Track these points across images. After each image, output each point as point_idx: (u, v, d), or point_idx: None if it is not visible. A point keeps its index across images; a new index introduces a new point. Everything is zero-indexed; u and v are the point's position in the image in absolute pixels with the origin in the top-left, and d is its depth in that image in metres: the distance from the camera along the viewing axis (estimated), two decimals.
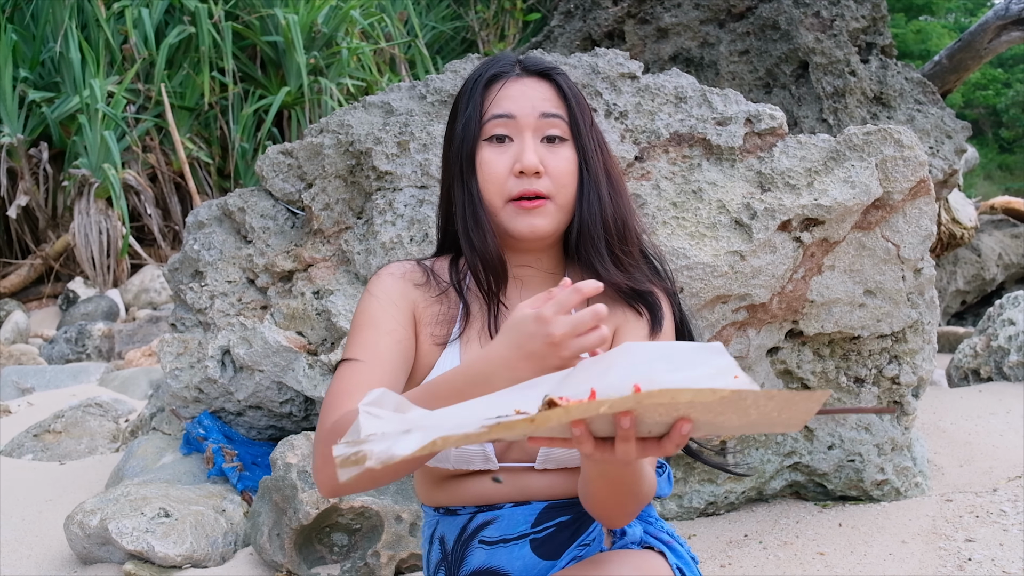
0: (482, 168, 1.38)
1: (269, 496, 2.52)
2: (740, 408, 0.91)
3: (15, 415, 4.63)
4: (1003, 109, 17.47)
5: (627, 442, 0.99)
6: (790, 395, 0.90)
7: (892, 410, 0.98)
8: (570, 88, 1.43)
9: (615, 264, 1.41)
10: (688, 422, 0.96)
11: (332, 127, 2.87)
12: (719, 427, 0.97)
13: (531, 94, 1.40)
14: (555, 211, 1.38)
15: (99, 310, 7.35)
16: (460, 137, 1.41)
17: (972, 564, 2.25)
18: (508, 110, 1.38)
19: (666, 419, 0.96)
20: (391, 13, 9.90)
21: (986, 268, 6.21)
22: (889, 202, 2.55)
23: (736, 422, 0.95)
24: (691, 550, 1.51)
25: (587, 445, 1.00)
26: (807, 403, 0.91)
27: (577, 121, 1.41)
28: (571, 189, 1.39)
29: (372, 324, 1.39)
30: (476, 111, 1.40)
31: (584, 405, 0.92)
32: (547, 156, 1.38)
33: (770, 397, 0.90)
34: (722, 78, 3.98)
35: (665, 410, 0.93)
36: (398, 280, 1.45)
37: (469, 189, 1.39)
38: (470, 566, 1.42)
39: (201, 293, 2.98)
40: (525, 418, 0.92)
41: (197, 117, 8.81)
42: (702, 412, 0.93)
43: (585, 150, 1.40)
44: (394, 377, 1.35)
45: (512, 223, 1.37)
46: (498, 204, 1.38)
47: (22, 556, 2.77)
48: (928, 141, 4.10)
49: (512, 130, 1.38)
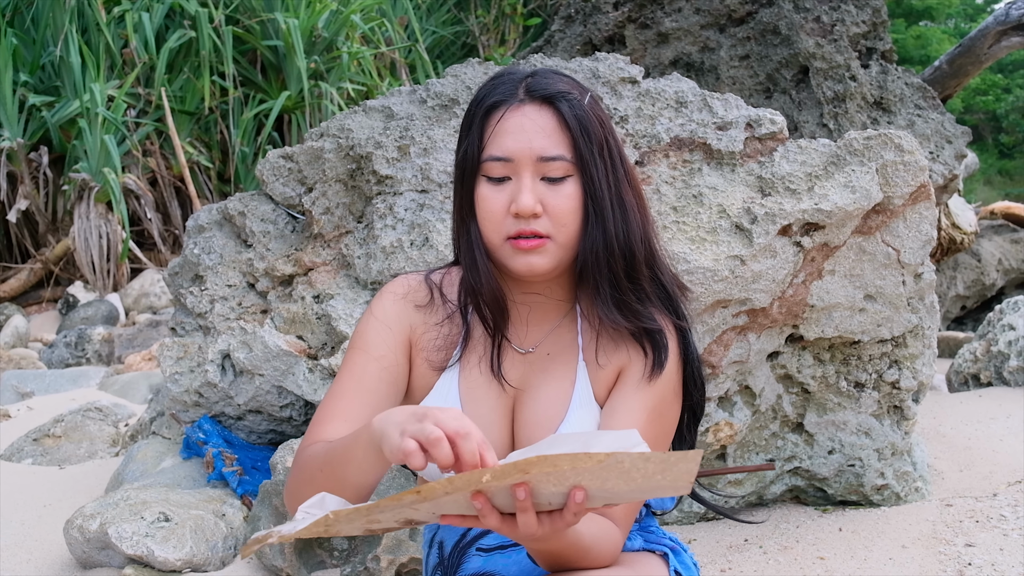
0: (480, 206, 1.34)
1: (269, 500, 2.52)
2: (621, 472, 0.94)
3: (15, 419, 4.62)
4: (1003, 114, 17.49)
5: (526, 513, 1.01)
6: (665, 456, 0.93)
7: (771, 467, 1.00)
8: (576, 117, 1.33)
9: (620, 302, 1.36)
10: (581, 490, 0.98)
11: (332, 131, 2.87)
12: (612, 493, 1.00)
13: (531, 129, 1.32)
14: (555, 249, 1.33)
15: (99, 314, 7.35)
16: (461, 168, 1.38)
17: (972, 569, 2.24)
18: (506, 151, 1.32)
19: (561, 489, 0.99)
20: (391, 17, 9.91)
21: (986, 273, 6.21)
22: (889, 207, 2.55)
23: (625, 487, 0.97)
24: (693, 556, 1.51)
25: (492, 519, 1.02)
26: (684, 463, 0.93)
27: (582, 153, 1.32)
28: (573, 227, 1.33)
29: (364, 347, 1.41)
30: (475, 145, 1.35)
31: (467, 475, 0.95)
32: (547, 195, 1.32)
33: (646, 459, 0.93)
34: (722, 83, 3.98)
35: (555, 479, 0.96)
36: (398, 301, 1.45)
37: (468, 228, 1.37)
38: (465, 572, 1.42)
39: (201, 297, 2.98)
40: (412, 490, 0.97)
41: (197, 121, 8.82)
42: (590, 479, 0.96)
43: (592, 182, 1.33)
44: (376, 405, 1.37)
45: (510, 262, 1.34)
46: (496, 242, 1.34)
47: (22, 560, 2.77)
48: (928, 146, 4.10)
49: (510, 171, 1.33)
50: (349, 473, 1.17)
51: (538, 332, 1.44)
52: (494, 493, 0.99)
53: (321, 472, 1.22)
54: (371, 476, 1.17)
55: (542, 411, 1.39)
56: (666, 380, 1.38)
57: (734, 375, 2.56)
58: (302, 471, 1.27)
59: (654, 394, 1.37)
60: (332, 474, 1.19)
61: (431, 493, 0.96)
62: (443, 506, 1.01)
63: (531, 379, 1.42)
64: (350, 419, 1.34)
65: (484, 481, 0.95)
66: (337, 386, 1.38)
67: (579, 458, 0.92)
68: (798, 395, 2.73)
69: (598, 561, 1.25)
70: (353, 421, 1.34)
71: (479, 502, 1.00)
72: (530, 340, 1.43)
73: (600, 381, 1.40)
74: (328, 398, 1.38)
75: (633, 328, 1.36)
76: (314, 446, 1.28)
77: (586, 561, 1.23)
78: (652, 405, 1.36)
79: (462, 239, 1.39)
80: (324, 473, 1.21)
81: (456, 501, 1.00)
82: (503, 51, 10.69)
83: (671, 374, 1.39)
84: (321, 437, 1.32)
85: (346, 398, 1.37)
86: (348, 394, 1.37)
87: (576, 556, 1.22)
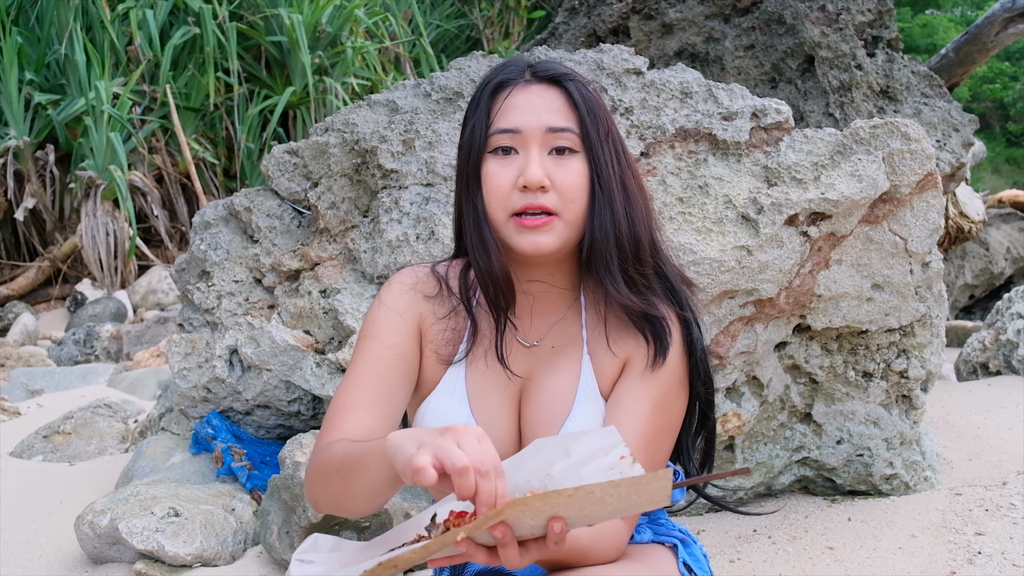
0: (486, 181, 1.33)
1: (278, 495, 2.53)
2: (595, 500, 0.96)
3: (25, 417, 4.64)
4: (1010, 103, 17.40)
5: (507, 547, 1.03)
6: (635, 480, 0.94)
7: (747, 471, 1.00)
8: (583, 96, 1.34)
9: (628, 284, 1.35)
10: (559, 521, 1.00)
11: (337, 126, 2.87)
12: (589, 517, 1.01)
13: (538, 104, 1.33)
14: (563, 228, 1.32)
15: (107, 311, 7.37)
16: (467, 147, 1.36)
17: (982, 558, 2.24)
18: (513, 123, 1.32)
19: (540, 522, 1.01)
20: (395, 12, 9.90)
21: (994, 262, 6.19)
22: (896, 196, 2.54)
23: (602, 511, 0.99)
24: (703, 548, 1.51)
25: (480, 556, 1.04)
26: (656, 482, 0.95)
27: (589, 132, 1.33)
28: (580, 204, 1.32)
29: (376, 335, 1.40)
30: (482, 122, 1.34)
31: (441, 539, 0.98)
32: (554, 169, 1.31)
33: (616, 486, 0.94)
34: (727, 73, 3.97)
35: (531, 515, 0.98)
36: (407, 291, 1.44)
37: (475, 204, 1.35)
38: (473, 568, 1.42)
39: (208, 293, 2.99)
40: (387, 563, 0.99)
41: (202, 118, 8.83)
42: (566, 510, 0.98)
43: (598, 162, 1.33)
44: (392, 392, 1.37)
45: (515, 240, 1.33)
46: (501, 219, 1.33)
47: (33, 556, 2.78)
48: (935, 135, 4.09)
49: (518, 143, 1.32)
50: (361, 483, 1.16)
51: (542, 324, 1.43)
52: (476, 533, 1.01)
53: (337, 473, 1.21)
54: (382, 490, 1.15)
55: (547, 406, 1.39)
56: (670, 370, 1.37)
57: (741, 366, 2.56)
58: (319, 469, 1.26)
59: (658, 384, 1.36)
60: (346, 478, 1.19)
61: (406, 564, 0.99)
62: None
63: (536, 373, 1.41)
64: (370, 408, 1.33)
65: (459, 538, 0.97)
66: (352, 375, 1.37)
67: (548, 496, 0.94)
68: (806, 385, 2.72)
69: (602, 557, 1.25)
70: (372, 410, 1.33)
71: (463, 545, 1.01)
72: (535, 333, 1.43)
73: (605, 374, 1.39)
74: (344, 388, 1.37)
75: (641, 309, 1.35)
76: (334, 444, 1.26)
77: (589, 560, 1.24)
78: (656, 396, 1.36)
79: (468, 217, 1.37)
80: (340, 475, 1.20)
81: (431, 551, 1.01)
82: (507, 44, 10.68)
83: (675, 364, 1.38)
84: (341, 429, 1.30)
85: (363, 386, 1.35)
86: (365, 382, 1.35)
87: (577, 558, 1.22)
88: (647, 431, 1.33)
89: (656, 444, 1.35)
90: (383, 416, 1.34)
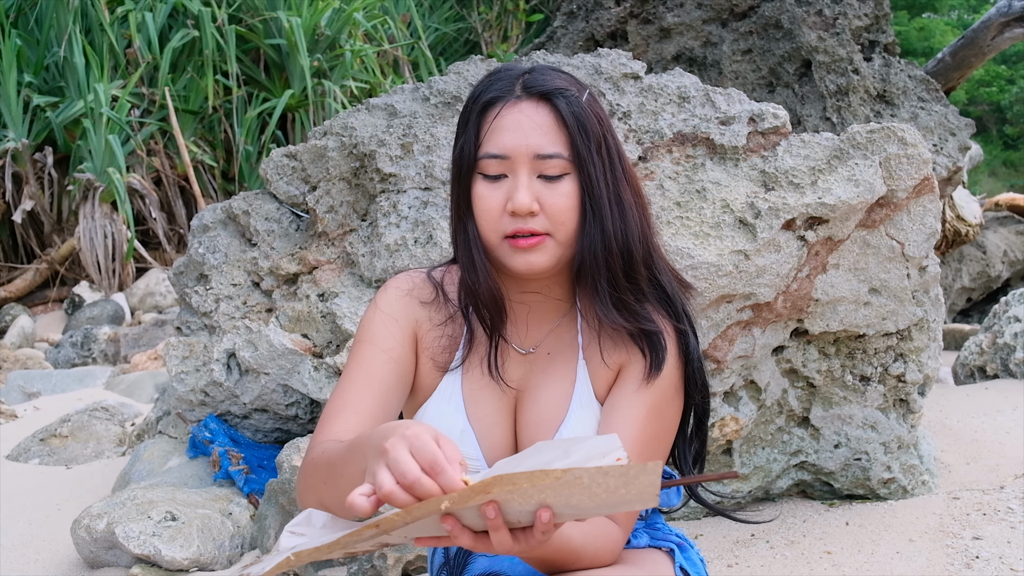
0: (477, 204, 1.33)
1: (276, 499, 2.52)
2: (582, 487, 0.93)
3: (21, 419, 4.64)
4: (1007, 106, 17.42)
5: (498, 531, 1.00)
6: (624, 469, 0.92)
7: (735, 475, 0.99)
8: (573, 113, 1.31)
9: (619, 301, 1.35)
10: (547, 510, 0.98)
11: (336, 130, 2.87)
12: (578, 509, 0.99)
13: (527, 125, 1.30)
14: (554, 247, 1.32)
15: (104, 314, 7.36)
16: (457, 167, 1.36)
17: (980, 562, 2.24)
18: (501, 148, 1.30)
19: (528, 508, 0.98)
20: (394, 15, 9.91)
21: (991, 265, 6.19)
22: (893, 200, 2.54)
23: (590, 503, 0.97)
24: (700, 552, 1.51)
25: (464, 538, 1.00)
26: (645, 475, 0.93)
27: (579, 150, 1.30)
28: (571, 225, 1.32)
29: (371, 340, 1.40)
30: (471, 143, 1.33)
31: (425, 504, 0.95)
32: (543, 193, 1.30)
33: (605, 473, 0.92)
34: (725, 77, 3.98)
35: (519, 498, 0.96)
36: (403, 296, 1.44)
37: (466, 227, 1.35)
38: (471, 572, 1.42)
39: (206, 296, 2.99)
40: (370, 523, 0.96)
41: (201, 121, 8.83)
42: (553, 497, 0.96)
43: (589, 181, 1.31)
44: (385, 396, 1.37)
45: (509, 260, 1.32)
46: (494, 241, 1.33)
47: (29, 560, 2.78)
48: (932, 139, 4.10)
49: (506, 168, 1.31)
50: (344, 482, 1.15)
51: (538, 332, 1.43)
52: (462, 513, 0.98)
53: (322, 473, 1.21)
54: None
55: (543, 412, 1.39)
56: (666, 379, 1.37)
57: (739, 370, 2.56)
58: (308, 471, 1.27)
59: (654, 392, 1.36)
60: (333, 481, 1.18)
61: (389, 525, 0.96)
62: (414, 530, 1.00)
63: (532, 379, 1.42)
64: (360, 411, 1.33)
65: (443, 508, 0.94)
66: (346, 379, 1.37)
67: (536, 475, 0.92)
68: (803, 389, 2.72)
69: (595, 561, 1.25)
70: (363, 413, 1.33)
71: (448, 524, 0.98)
72: (530, 340, 1.43)
73: (600, 380, 1.40)
74: (337, 391, 1.37)
75: (631, 328, 1.35)
76: (323, 445, 1.27)
77: (582, 562, 1.23)
78: (652, 403, 1.36)
79: (459, 237, 1.38)
80: (324, 475, 1.20)
81: (426, 524, 0.99)
82: (506, 48, 10.68)
83: (670, 373, 1.38)
84: (332, 432, 1.31)
85: (355, 390, 1.35)
86: (357, 386, 1.36)
87: (568, 559, 1.21)
88: (642, 436, 1.34)
89: (652, 449, 1.36)
90: (374, 419, 1.34)
